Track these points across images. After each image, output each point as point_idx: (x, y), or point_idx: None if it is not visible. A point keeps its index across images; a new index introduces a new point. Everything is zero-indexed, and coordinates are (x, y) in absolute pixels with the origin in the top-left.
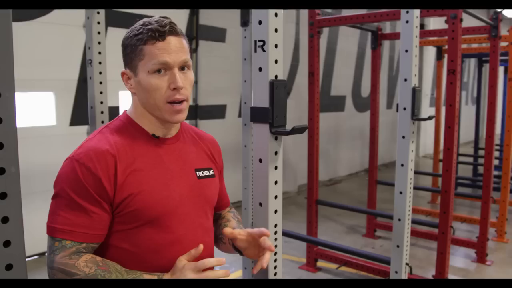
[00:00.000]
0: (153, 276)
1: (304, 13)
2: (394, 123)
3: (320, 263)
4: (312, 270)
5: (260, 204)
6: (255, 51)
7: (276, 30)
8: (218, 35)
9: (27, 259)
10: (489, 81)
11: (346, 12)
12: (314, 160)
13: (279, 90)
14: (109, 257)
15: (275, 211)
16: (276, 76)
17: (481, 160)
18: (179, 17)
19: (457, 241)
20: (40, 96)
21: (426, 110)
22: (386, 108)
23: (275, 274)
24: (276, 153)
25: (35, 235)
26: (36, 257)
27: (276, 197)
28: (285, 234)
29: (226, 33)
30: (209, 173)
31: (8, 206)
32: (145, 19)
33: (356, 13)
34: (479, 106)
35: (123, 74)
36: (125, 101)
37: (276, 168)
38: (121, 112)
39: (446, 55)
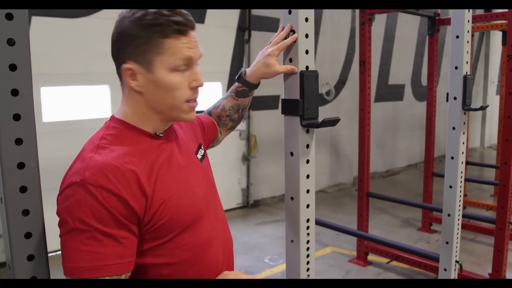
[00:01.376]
0: None
1: None
2: None
3: (371, 257)
4: (363, 264)
5: (292, 198)
6: None
7: (306, 20)
8: (270, 25)
9: None
10: None
11: None
12: (366, 151)
13: (310, 81)
14: (148, 277)
15: (307, 206)
16: (307, 67)
17: None
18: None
19: None
20: (96, 89)
21: (493, 98)
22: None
23: (308, 269)
24: (307, 146)
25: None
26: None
27: (308, 191)
28: (334, 228)
29: (279, 23)
30: (203, 152)
31: (28, 200)
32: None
33: None
34: None
35: (127, 69)
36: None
37: (308, 161)
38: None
39: None
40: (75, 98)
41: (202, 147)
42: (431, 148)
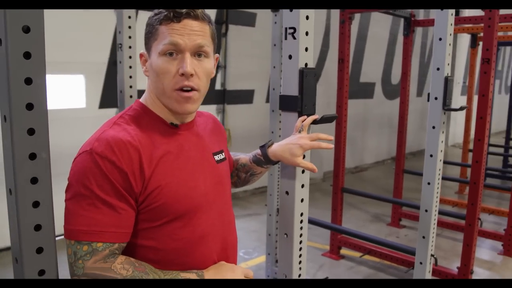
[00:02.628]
0: (192, 275)
1: None
2: (423, 111)
3: (344, 251)
4: (335, 257)
5: (287, 193)
6: (286, 38)
7: (307, 18)
8: (248, 19)
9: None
10: None
11: None
12: (341, 147)
13: (308, 78)
14: (137, 258)
15: (302, 200)
16: (306, 64)
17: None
18: None
19: (484, 233)
20: (71, 78)
21: (457, 98)
22: (416, 96)
23: (300, 262)
24: None
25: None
26: None
27: (303, 186)
28: (309, 221)
29: (256, 18)
30: (222, 156)
31: (39, 191)
32: None
33: None
34: None
35: (141, 56)
36: None
37: (304, 157)
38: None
39: (481, 43)
40: (49, 88)
41: (223, 153)
42: (402, 146)
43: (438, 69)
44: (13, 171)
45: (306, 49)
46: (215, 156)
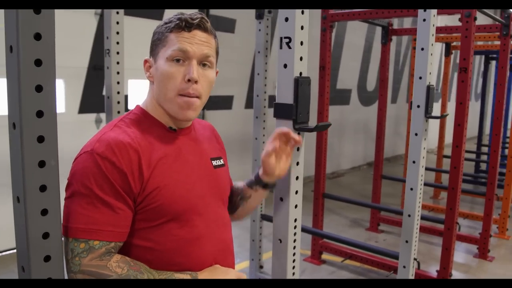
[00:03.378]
0: (186, 275)
1: None
2: (397, 118)
3: (325, 256)
4: (317, 262)
5: (281, 199)
6: (281, 47)
7: (302, 28)
8: (227, 25)
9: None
10: (498, 79)
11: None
12: (322, 154)
13: (303, 87)
14: (132, 257)
15: (295, 206)
16: (300, 73)
17: (484, 157)
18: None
19: (460, 237)
20: None
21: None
22: (390, 103)
23: (293, 267)
24: (298, 149)
25: None
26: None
27: (296, 192)
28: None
29: (235, 24)
30: (221, 162)
31: (48, 199)
32: (181, 11)
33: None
34: (483, 103)
35: (145, 62)
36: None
37: (298, 163)
38: (131, 105)
39: (454, 52)
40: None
41: (222, 160)
42: (380, 152)
43: (420, 78)
44: (22, 178)
45: (301, 58)
46: (213, 161)
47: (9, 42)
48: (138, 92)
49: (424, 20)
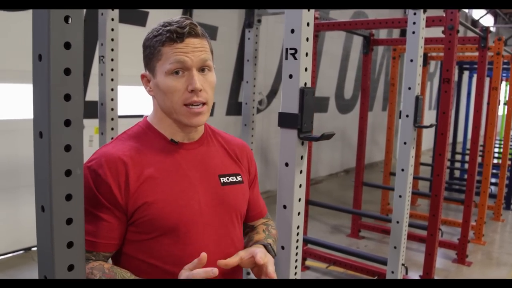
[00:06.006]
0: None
1: None
2: (373, 125)
3: (309, 262)
4: (301, 269)
5: (284, 207)
6: (286, 58)
7: (307, 39)
8: (209, 33)
9: (12, 254)
10: (476, 89)
11: (341, 17)
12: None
13: (308, 97)
14: (127, 268)
15: (298, 213)
16: (305, 84)
17: (457, 164)
18: (173, 13)
19: (439, 243)
20: (22, 88)
21: None
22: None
23: (295, 274)
24: (302, 157)
25: (22, 229)
26: (21, 252)
27: (300, 199)
28: None
29: (217, 31)
30: (236, 179)
31: (73, 208)
32: (166, 20)
33: (353, 19)
34: (457, 112)
35: (142, 76)
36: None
37: (301, 172)
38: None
39: (431, 62)
40: (14, 97)
41: (239, 177)
42: (361, 159)
43: (409, 88)
44: (49, 188)
45: (306, 69)
46: (221, 178)
47: (37, 50)
48: (126, 99)
49: (414, 32)
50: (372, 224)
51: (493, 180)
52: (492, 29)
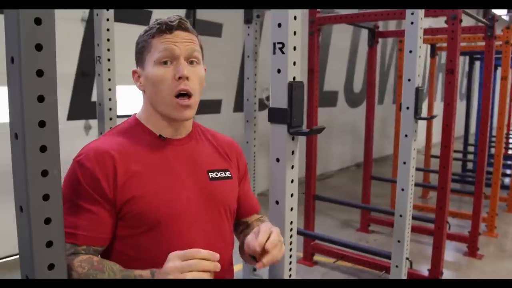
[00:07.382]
0: (146, 272)
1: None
2: (384, 119)
3: (317, 257)
4: (309, 264)
5: (277, 202)
6: (274, 53)
7: (295, 33)
8: (214, 30)
9: (9, 259)
10: (484, 79)
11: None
12: (313, 156)
13: (297, 91)
14: (120, 263)
15: (291, 209)
16: (294, 78)
17: (470, 156)
18: (177, 11)
19: (449, 236)
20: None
21: None
22: (377, 104)
23: (290, 269)
24: (293, 152)
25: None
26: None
27: (292, 195)
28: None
29: (222, 28)
30: (225, 174)
31: (50, 208)
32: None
33: (357, 12)
34: (469, 103)
35: (134, 72)
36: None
37: (292, 167)
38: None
39: (439, 53)
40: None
41: (227, 172)
42: (369, 153)
43: (409, 80)
44: (25, 188)
45: (294, 63)
46: (210, 173)
47: (10, 53)
48: (125, 98)
49: (412, 23)
50: (382, 218)
51: (508, 172)
52: (505, 17)
